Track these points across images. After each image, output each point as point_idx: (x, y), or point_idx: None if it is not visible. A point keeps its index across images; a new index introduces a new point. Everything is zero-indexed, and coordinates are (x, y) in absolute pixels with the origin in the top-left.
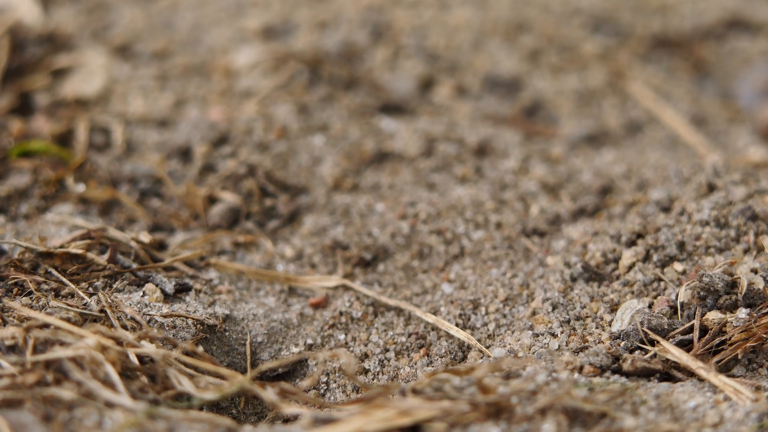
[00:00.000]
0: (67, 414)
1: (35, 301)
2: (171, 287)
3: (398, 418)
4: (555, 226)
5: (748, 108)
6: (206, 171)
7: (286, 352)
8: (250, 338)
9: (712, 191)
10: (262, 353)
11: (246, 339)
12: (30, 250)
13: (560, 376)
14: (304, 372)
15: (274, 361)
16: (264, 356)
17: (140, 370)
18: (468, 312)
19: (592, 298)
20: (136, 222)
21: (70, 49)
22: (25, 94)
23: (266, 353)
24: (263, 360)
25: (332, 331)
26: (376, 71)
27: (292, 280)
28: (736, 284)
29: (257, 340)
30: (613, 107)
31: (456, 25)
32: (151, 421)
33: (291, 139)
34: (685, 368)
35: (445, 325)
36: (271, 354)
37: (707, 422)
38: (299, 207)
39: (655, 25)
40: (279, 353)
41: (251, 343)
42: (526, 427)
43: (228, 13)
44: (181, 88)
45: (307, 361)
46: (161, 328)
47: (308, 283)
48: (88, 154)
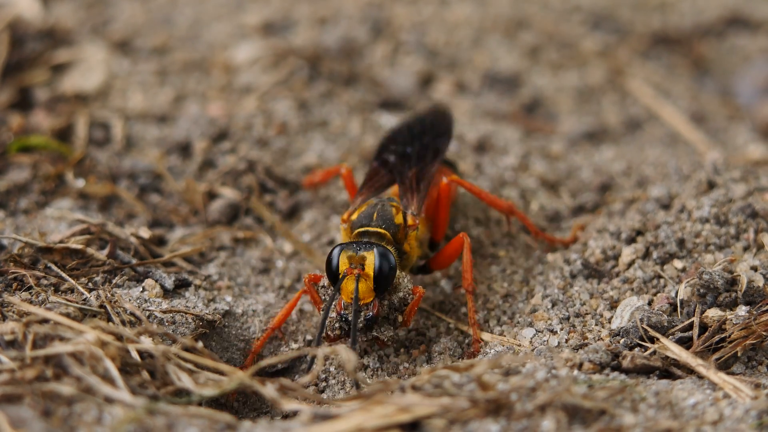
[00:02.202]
0: (66, 409)
1: (35, 296)
2: (170, 283)
3: (398, 415)
4: (555, 222)
5: (747, 105)
6: (206, 166)
7: (285, 348)
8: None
9: (711, 188)
10: (262, 349)
11: (246, 335)
12: (29, 245)
13: (560, 373)
14: (304, 368)
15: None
16: (264, 352)
17: (140, 366)
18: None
19: (591, 295)
20: (136, 217)
21: (69, 44)
22: (24, 89)
23: (265, 349)
24: (263, 356)
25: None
26: (376, 67)
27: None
28: (735, 281)
29: (257, 335)
30: (613, 104)
31: (456, 22)
32: (151, 417)
33: (291, 135)
34: (684, 365)
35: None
36: (270, 350)
37: (707, 419)
38: (299, 202)
39: (655, 23)
40: (278, 349)
41: (250, 339)
42: (525, 423)
43: (228, 9)
44: (181, 84)
45: (306, 357)
46: (161, 324)
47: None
48: (87, 149)
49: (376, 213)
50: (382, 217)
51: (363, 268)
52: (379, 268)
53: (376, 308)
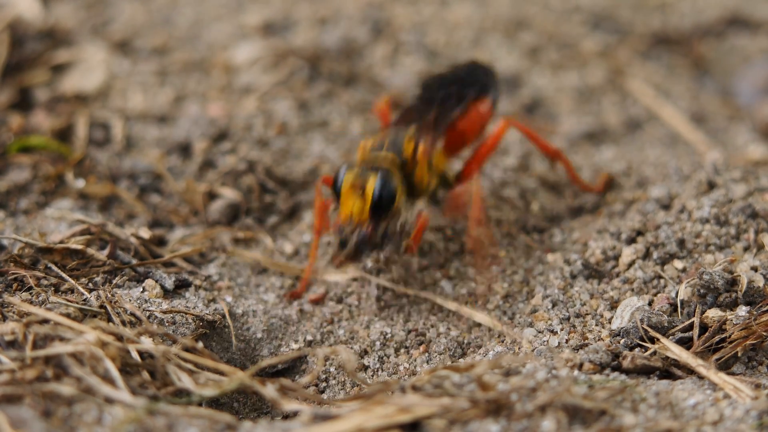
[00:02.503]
0: (66, 409)
1: (35, 297)
2: (171, 283)
3: (398, 415)
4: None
5: (747, 105)
6: (206, 167)
7: (286, 348)
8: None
9: (712, 189)
10: (262, 349)
11: (246, 335)
12: (30, 246)
13: (560, 374)
14: (304, 368)
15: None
16: (263, 352)
17: (140, 366)
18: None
19: (591, 296)
20: (136, 218)
21: (69, 44)
22: (24, 89)
23: (266, 349)
24: (263, 356)
25: (331, 327)
26: (376, 68)
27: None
28: (736, 282)
29: (257, 336)
30: (613, 104)
31: (456, 22)
32: (151, 417)
33: (291, 135)
34: (684, 366)
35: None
36: (270, 350)
37: (707, 420)
38: (299, 203)
39: (655, 23)
40: (278, 349)
41: (250, 339)
42: (525, 424)
43: (228, 9)
44: (181, 84)
45: (306, 358)
46: (161, 324)
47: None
48: (87, 149)
49: (388, 141)
50: (393, 144)
51: (363, 190)
52: (379, 192)
53: (370, 230)
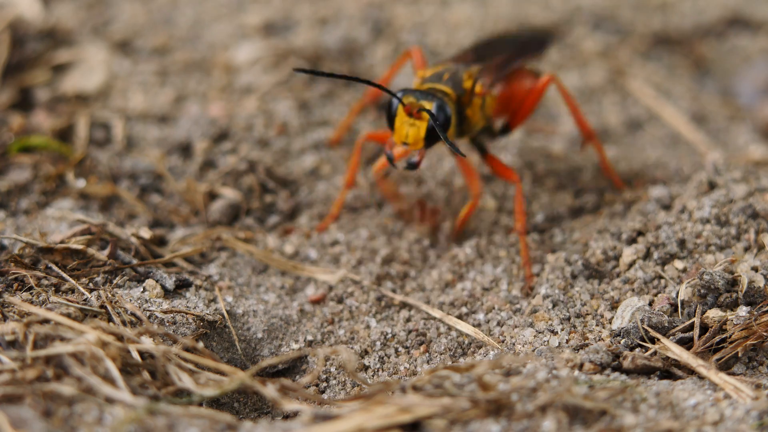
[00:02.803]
0: (67, 409)
1: (35, 297)
2: (171, 283)
3: (398, 415)
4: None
5: (748, 106)
6: (206, 167)
7: (286, 348)
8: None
9: (712, 189)
10: (262, 349)
11: (246, 335)
12: (30, 246)
13: (560, 374)
14: (304, 368)
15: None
16: (264, 352)
17: (141, 366)
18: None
19: (592, 296)
20: (137, 218)
21: (70, 44)
22: (25, 89)
23: (266, 349)
24: (263, 356)
25: (332, 327)
26: (377, 68)
27: (298, 269)
28: (736, 282)
29: (257, 336)
30: (614, 105)
31: (456, 22)
32: (152, 417)
33: (291, 135)
34: (685, 366)
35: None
36: (271, 350)
37: (707, 420)
38: (299, 203)
39: (656, 23)
40: (279, 349)
41: (251, 339)
42: (526, 424)
43: (228, 9)
44: (182, 84)
45: (307, 358)
46: (161, 324)
47: (313, 273)
48: (88, 149)
49: (448, 74)
50: (452, 79)
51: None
52: (434, 118)
53: (421, 156)
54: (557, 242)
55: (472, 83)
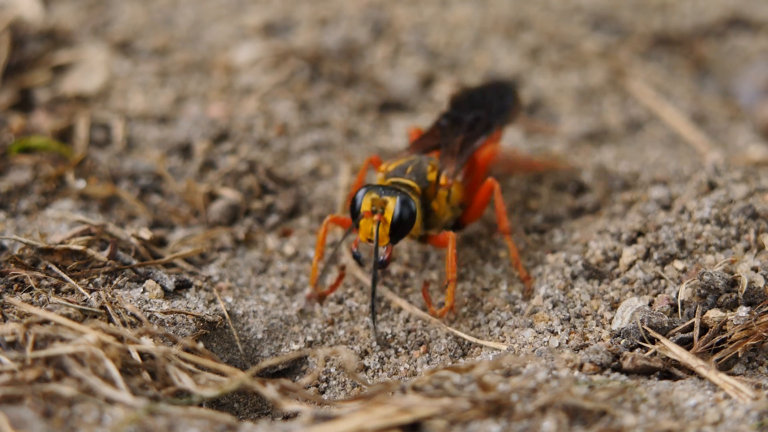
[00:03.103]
0: (67, 410)
1: (35, 297)
2: (171, 284)
3: (398, 416)
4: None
5: (748, 106)
6: (206, 167)
7: (286, 348)
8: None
9: (712, 189)
10: (262, 350)
11: (246, 336)
12: (30, 246)
13: (560, 374)
14: (304, 369)
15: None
16: (264, 353)
17: (140, 367)
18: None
19: (592, 296)
20: (137, 218)
21: (70, 45)
22: (25, 90)
23: (266, 350)
24: (263, 357)
25: (332, 327)
26: (377, 68)
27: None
28: (736, 282)
29: (257, 336)
30: (614, 105)
31: (456, 23)
32: (151, 418)
33: (291, 136)
34: (685, 366)
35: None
36: (271, 351)
37: (707, 420)
38: (299, 203)
39: (656, 23)
40: (279, 350)
41: (251, 340)
42: (526, 424)
43: (228, 10)
44: (182, 85)
45: (307, 358)
46: (161, 325)
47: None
48: (88, 150)
49: (411, 167)
50: (415, 171)
51: (383, 212)
52: (399, 215)
53: (389, 253)
54: (557, 242)
55: (437, 175)
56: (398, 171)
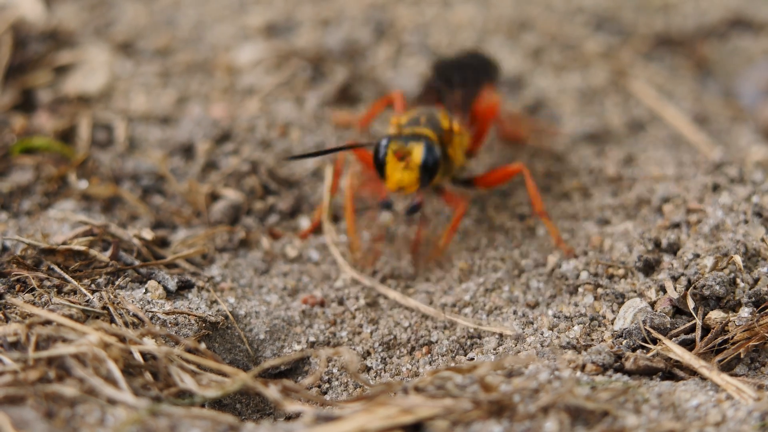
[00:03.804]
0: (69, 411)
1: (38, 298)
2: (173, 284)
3: (401, 416)
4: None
5: (750, 106)
6: (209, 168)
7: (288, 349)
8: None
9: (714, 190)
10: (265, 350)
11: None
12: (32, 247)
13: (562, 375)
14: (307, 369)
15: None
16: (266, 353)
17: (143, 367)
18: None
19: (595, 297)
20: (139, 219)
21: (72, 45)
22: (27, 90)
23: (268, 350)
24: (265, 357)
25: (334, 328)
26: (379, 69)
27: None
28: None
29: (259, 337)
30: (616, 105)
31: (459, 23)
32: (154, 418)
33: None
34: (687, 367)
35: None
36: (273, 351)
37: (709, 421)
38: (301, 204)
39: (658, 24)
40: (281, 350)
41: (253, 341)
42: (528, 425)
43: (231, 11)
44: (184, 85)
45: (309, 359)
46: (164, 325)
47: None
48: (90, 150)
49: (425, 117)
50: (430, 120)
51: (410, 158)
52: (425, 160)
53: (420, 197)
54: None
55: (449, 122)
56: (412, 122)
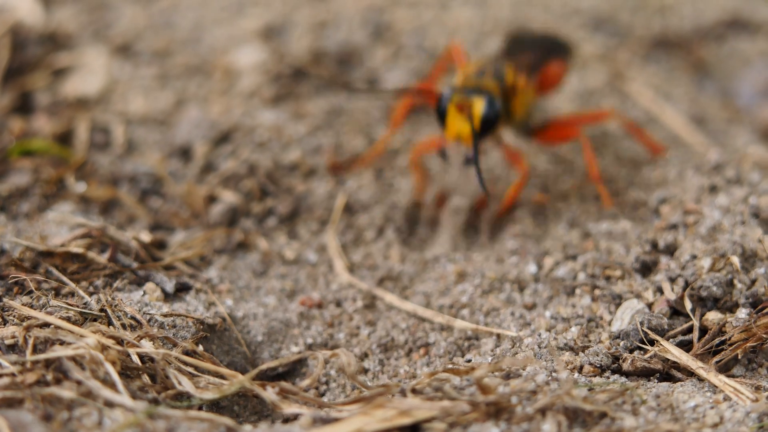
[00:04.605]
0: (66, 413)
1: (35, 300)
2: (171, 286)
3: (398, 418)
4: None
5: (747, 108)
6: (206, 170)
7: (286, 351)
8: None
9: (712, 191)
10: (262, 352)
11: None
12: (30, 249)
13: (560, 376)
14: (304, 371)
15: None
16: (264, 355)
17: (140, 370)
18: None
19: (592, 298)
20: (137, 221)
21: (70, 48)
22: (26, 93)
23: (266, 352)
24: (263, 359)
25: (332, 330)
26: (377, 71)
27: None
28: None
29: (257, 339)
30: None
31: (456, 25)
32: (151, 421)
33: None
34: (684, 368)
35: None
36: (270, 353)
37: (707, 422)
38: (299, 206)
39: (655, 26)
40: (279, 352)
41: (251, 342)
42: (526, 427)
43: (229, 13)
44: (182, 88)
45: (306, 361)
46: (161, 328)
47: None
48: (88, 153)
49: (491, 69)
50: (496, 73)
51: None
52: (486, 114)
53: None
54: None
55: (514, 77)
56: (479, 73)
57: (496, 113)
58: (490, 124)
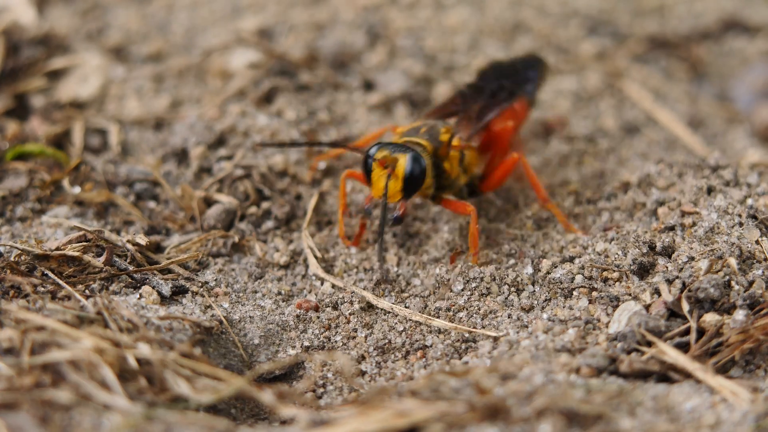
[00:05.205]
0: (64, 416)
1: (32, 304)
2: (167, 289)
3: (395, 420)
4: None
5: (745, 109)
6: (202, 173)
7: (283, 354)
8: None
9: (710, 193)
10: (259, 355)
11: (243, 341)
12: (26, 253)
13: (557, 378)
14: (301, 374)
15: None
16: (261, 358)
17: (137, 372)
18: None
19: (589, 300)
20: (133, 224)
21: (65, 51)
22: (20, 96)
23: (263, 355)
24: (260, 362)
25: (329, 332)
26: (372, 72)
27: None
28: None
29: (254, 342)
30: (611, 108)
31: (452, 27)
32: (149, 423)
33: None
34: (682, 370)
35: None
36: (267, 356)
37: (704, 423)
38: (295, 209)
39: (653, 27)
40: (276, 355)
41: (248, 345)
42: (522, 428)
43: (223, 15)
44: (177, 90)
45: (304, 363)
46: (158, 331)
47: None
48: (83, 156)
49: (425, 128)
50: (429, 132)
51: (394, 169)
52: (410, 171)
53: (403, 209)
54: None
55: (449, 136)
56: (412, 132)
57: (422, 169)
58: (416, 181)
